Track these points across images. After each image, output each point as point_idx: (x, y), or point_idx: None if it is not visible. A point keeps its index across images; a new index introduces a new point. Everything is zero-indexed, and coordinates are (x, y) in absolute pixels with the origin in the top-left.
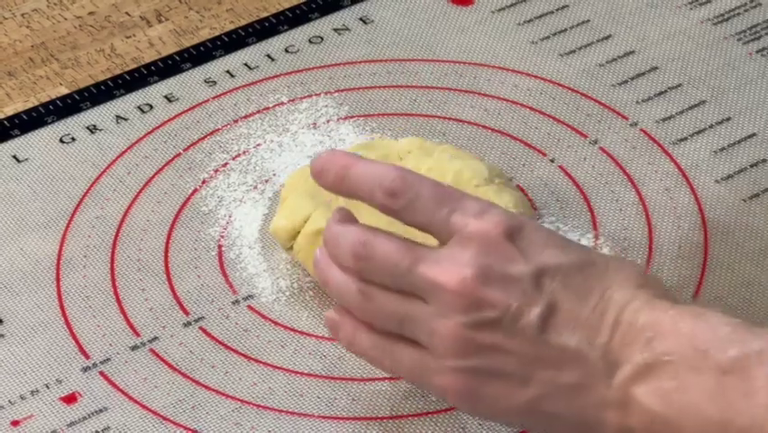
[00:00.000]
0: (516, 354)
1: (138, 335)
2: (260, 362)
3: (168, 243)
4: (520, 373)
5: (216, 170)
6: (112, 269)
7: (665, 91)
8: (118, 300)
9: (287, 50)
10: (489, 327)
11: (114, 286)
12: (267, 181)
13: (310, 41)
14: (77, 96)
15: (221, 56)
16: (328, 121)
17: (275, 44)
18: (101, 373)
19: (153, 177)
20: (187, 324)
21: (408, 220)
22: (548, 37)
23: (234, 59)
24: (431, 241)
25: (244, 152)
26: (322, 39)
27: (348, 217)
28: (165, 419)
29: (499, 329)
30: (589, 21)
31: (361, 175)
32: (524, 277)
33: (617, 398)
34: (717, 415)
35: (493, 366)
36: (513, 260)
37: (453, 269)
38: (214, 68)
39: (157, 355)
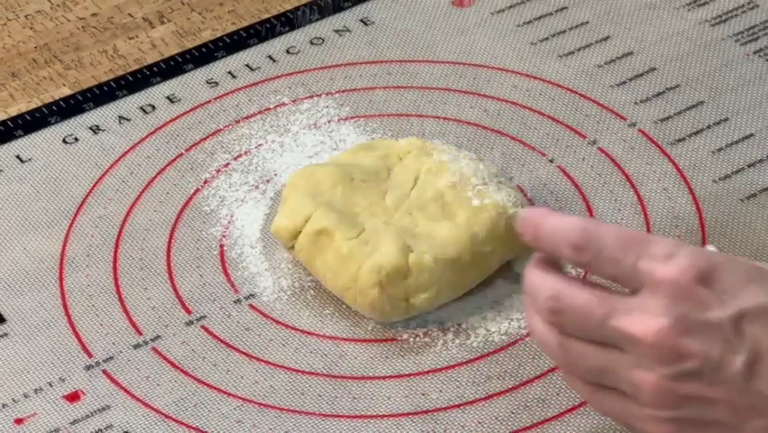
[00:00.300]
0: (724, 403)
1: (140, 333)
2: (262, 360)
3: (170, 242)
4: (729, 421)
5: (218, 170)
6: (114, 268)
7: (663, 92)
8: (121, 299)
9: (288, 52)
10: (691, 377)
11: (116, 285)
12: (268, 181)
13: (311, 43)
14: (80, 97)
15: (223, 57)
16: (329, 121)
17: (276, 45)
18: (104, 372)
19: (155, 177)
20: (189, 323)
21: (598, 272)
22: (547, 38)
23: (236, 60)
24: None
25: (246, 153)
26: (323, 40)
27: (544, 264)
28: (167, 417)
29: (703, 379)
30: (587, 22)
31: (548, 234)
32: (723, 323)
33: None
34: None
35: (700, 416)
36: (709, 306)
37: (648, 321)
38: (216, 69)
39: (159, 354)
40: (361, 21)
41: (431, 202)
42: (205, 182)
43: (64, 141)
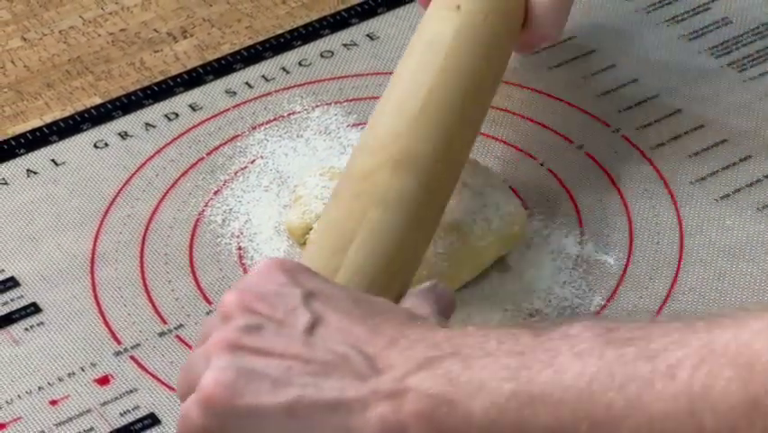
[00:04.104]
0: (281, 358)
1: (165, 322)
2: None
3: (192, 238)
4: (282, 375)
5: (236, 173)
6: (141, 262)
7: (644, 101)
8: (147, 291)
9: (300, 64)
10: (255, 330)
11: (143, 278)
12: (282, 183)
13: (321, 55)
14: (109, 106)
15: (240, 69)
16: (338, 128)
17: (290, 58)
18: (131, 358)
19: (179, 179)
20: (210, 312)
21: None
22: (538, 52)
23: (253, 72)
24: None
25: (261, 156)
26: (332, 53)
27: None
28: None
29: (265, 334)
30: (575, 37)
31: None
32: (293, 294)
33: (389, 390)
34: (509, 386)
35: (257, 366)
36: (283, 284)
37: (228, 293)
38: (235, 79)
39: (182, 341)
40: (368, 36)
41: None
42: (224, 183)
43: (95, 146)
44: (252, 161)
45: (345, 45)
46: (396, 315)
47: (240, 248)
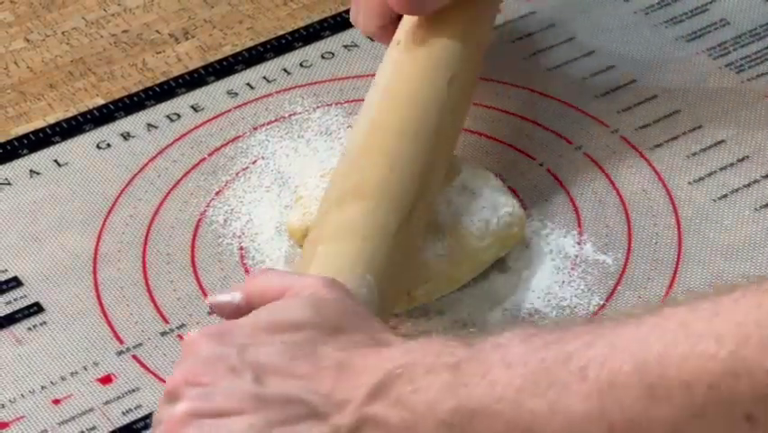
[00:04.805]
0: (239, 414)
1: (167, 322)
2: None
3: (194, 239)
4: (246, 431)
5: (237, 173)
6: (143, 262)
7: (643, 102)
8: (149, 291)
9: (301, 65)
10: (206, 397)
11: (145, 278)
12: (283, 183)
13: (322, 57)
14: (112, 107)
15: (242, 70)
16: (339, 128)
17: (291, 59)
18: (134, 357)
19: (181, 179)
20: (212, 312)
21: None
22: (536, 53)
23: (254, 73)
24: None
25: (263, 157)
26: (333, 54)
27: None
28: None
29: (217, 397)
30: (574, 38)
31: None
32: (228, 353)
33: (350, 425)
34: (451, 403)
35: (220, 430)
36: (214, 348)
37: (173, 374)
38: (236, 80)
39: None
40: (368, 37)
41: None
42: (226, 184)
43: (97, 146)
44: (254, 162)
45: (346, 46)
46: (328, 337)
47: (241, 248)
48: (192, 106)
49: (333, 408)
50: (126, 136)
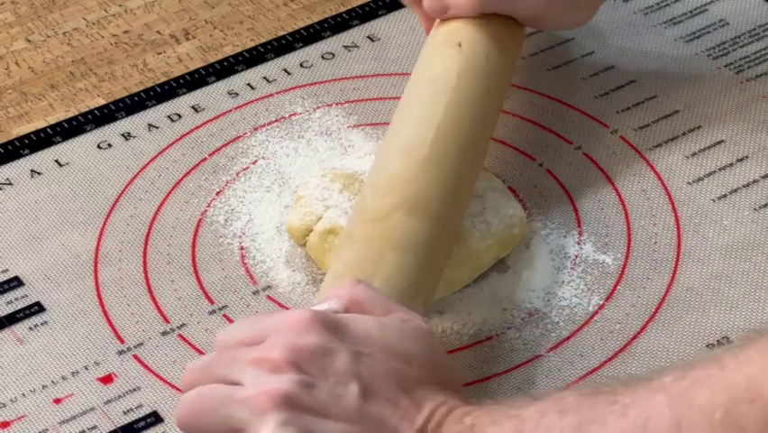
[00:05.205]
0: (336, 420)
1: (168, 321)
2: None
3: (194, 238)
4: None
5: (238, 173)
6: (144, 262)
7: (642, 102)
8: (150, 291)
9: (302, 65)
10: (309, 388)
11: (146, 278)
12: (283, 183)
13: (323, 57)
14: (113, 107)
15: (242, 70)
16: (339, 129)
17: (291, 60)
18: (135, 357)
19: (181, 179)
20: (212, 312)
21: None
22: (537, 53)
23: (254, 73)
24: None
25: (263, 157)
26: (333, 55)
27: None
28: None
29: (319, 393)
30: (573, 39)
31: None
32: (340, 356)
33: None
34: None
35: (315, 429)
36: (329, 342)
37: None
38: (237, 81)
39: (185, 340)
40: (368, 37)
41: None
42: (227, 184)
43: (98, 146)
44: (254, 162)
45: (346, 47)
46: (430, 379)
47: (242, 248)
48: (193, 107)
49: None
50: (127, 136)
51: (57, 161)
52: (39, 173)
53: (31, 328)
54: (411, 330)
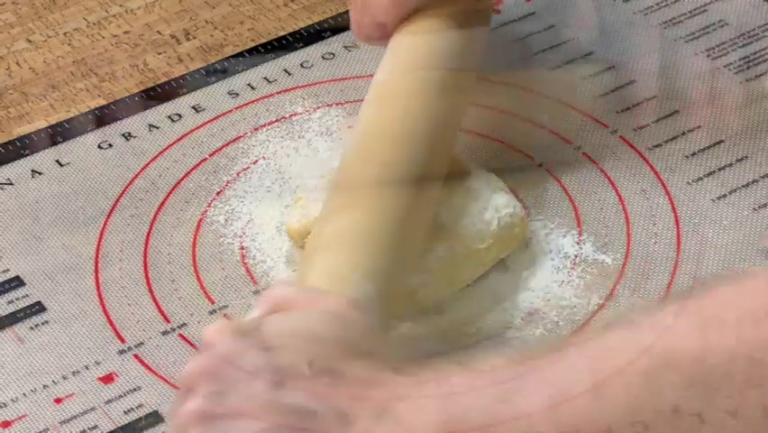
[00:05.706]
0: (253, 417)
1: (168, 321)
2: None
3: (195, 238)
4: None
5: (238, 173)
6: (145, 262)
7: (642, 102)
8: (150, 290)
9: (302, 66)
10: (221, 396)
11: (146, 277)
12: (284, 183)
13: (323, 57)
14: (113, 107)
15: (243, 70)
16: (339, 129)
17: (291, 60)
18: (135, 356)
19: (182, 179)
20: (213, 311)
21: None
22: (537, 53)
23: (255, 74)
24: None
25: (263, 157)
26: (334, 55)
27: None
28: None
29: (232, 396)
30: (573, 39)
31: None
32: (252, 353)
33: None
34: (442, 417)
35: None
36: (240, 344)
37: (192, 364)
38: (237, 81)
39: (186, 340)
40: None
41: None
42: (227, 184)
43: (99, 146)
44: (255, 162)
45: (346, 47)
46: (349, 357)
47: (242, 248)
48: (193, 107)
49: (347, 425)
50: (128, 136)
51: (57, 161)
52: (39, 173)
53: (31, 328)
54: (325, 315)
